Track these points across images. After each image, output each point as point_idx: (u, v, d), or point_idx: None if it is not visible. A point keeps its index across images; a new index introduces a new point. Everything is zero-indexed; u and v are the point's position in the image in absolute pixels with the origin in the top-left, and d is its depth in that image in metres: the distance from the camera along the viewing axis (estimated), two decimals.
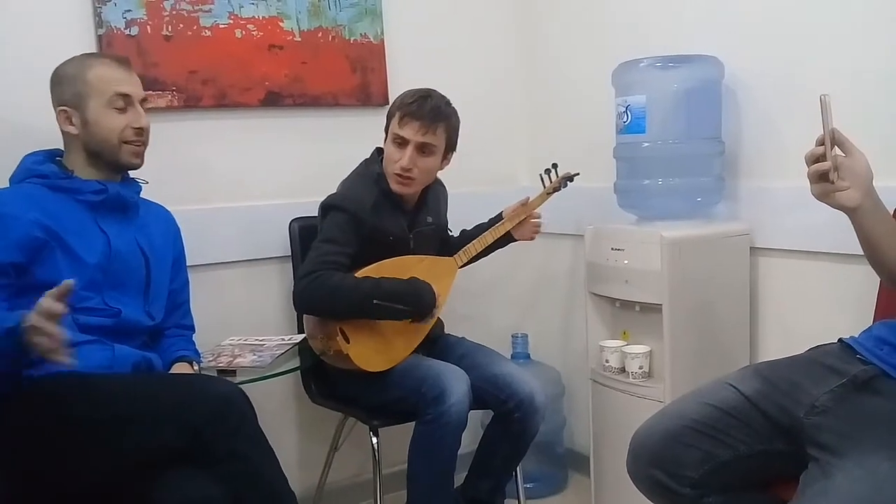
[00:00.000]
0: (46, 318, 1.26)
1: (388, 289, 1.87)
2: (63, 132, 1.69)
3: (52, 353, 1.28)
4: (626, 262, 1.97)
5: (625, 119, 1.99)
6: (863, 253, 1.42)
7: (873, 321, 1.57)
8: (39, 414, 1.45)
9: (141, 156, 1.73)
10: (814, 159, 1.29)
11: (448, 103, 1.98)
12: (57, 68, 1.69)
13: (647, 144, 1.97)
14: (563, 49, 2.57)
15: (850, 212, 1.32)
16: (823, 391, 1.34)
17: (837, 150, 1.29)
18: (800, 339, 1.56)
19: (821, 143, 1.28)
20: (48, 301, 1.27)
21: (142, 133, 1.70)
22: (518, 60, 2.71)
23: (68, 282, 1.28)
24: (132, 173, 1.79)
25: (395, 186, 1.96)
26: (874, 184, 1.33)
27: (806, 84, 1.85)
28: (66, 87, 1.67)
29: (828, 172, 1.27)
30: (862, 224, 1.35)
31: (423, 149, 1.94)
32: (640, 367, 1.96)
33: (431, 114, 1.92)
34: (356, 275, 1.87)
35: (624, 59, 2.02)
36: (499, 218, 2.19)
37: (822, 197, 1.31)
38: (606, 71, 2.07)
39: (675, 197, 2.00)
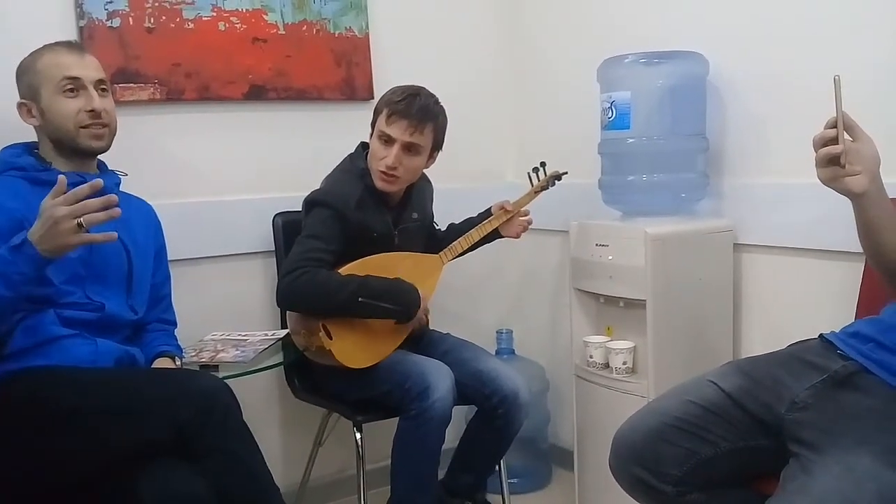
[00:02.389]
0: (71, 202, 1.35)
1: (374, 287, 1.86)
2: (32, 126, 1.67)
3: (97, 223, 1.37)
4: (610, 257, 1.97)
5: (609, 115, 1.99)
6: (847, 249, 1.42)
7: (855, 317, 1.58)
8: (22, 408, 1.44)
9: (103, 138, 1.67)
10: (823, 143, 1.26)
11: (436, 102, 1.96)
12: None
13: (631, 140, 1.97)
14: (548, 44, 2.57)
15: (856, 197, 1.29)
16: (804, 387, 1.34)
17: (846, 134, 1.25)
18: (782, 335, 1.57)
19: (831, 125, 1.25)
20: (51, 199, 1.36)
21: (98, 115, 1.65)
22: (504, 55, 2.70)
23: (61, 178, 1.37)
24: (110, 164, 1.78)
25: (379, 184, 1.95)
26: None
27: (790, 81, 1.86)
28: (21, 80, 1.66)
29: (838, 156, 1.24)
30: (865, 210, 1.31)
31: (409, 148, 1.92)
32: (624, 363, 1.97)
33: (419, 113, 1.90)
34: (340, 271, 1.86)
35: (609, 54, 2.02)
36: (488, 213, 2.18)
37: (830, 181, 1.27)
38: (592, 66, 2.07)
39: (660, 193, 2.00)
